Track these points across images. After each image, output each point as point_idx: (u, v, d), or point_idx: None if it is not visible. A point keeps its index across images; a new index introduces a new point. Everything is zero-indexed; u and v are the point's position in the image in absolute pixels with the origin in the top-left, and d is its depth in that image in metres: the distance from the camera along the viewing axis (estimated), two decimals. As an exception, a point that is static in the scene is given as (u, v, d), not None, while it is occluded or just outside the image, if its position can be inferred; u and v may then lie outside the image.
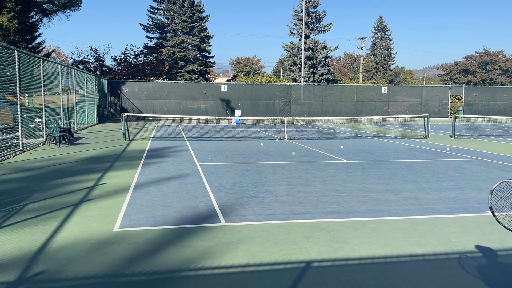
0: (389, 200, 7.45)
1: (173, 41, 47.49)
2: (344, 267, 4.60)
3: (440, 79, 68.09)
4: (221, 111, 35.85)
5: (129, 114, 19.75)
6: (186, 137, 19.04)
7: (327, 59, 52.06)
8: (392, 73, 64.08)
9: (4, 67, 12.95)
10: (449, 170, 10.65)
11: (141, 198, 7.50)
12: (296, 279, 4.26)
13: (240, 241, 5.31)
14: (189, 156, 12.83)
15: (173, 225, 5.96)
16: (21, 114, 13.66)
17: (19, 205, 6.99)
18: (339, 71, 72.97)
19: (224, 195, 7.72)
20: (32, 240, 5.31)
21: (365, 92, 39.18)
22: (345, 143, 16.81)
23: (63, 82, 20.12)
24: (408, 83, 75.02)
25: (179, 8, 47.02)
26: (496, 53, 61.95)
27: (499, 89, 42.24)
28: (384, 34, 63.71)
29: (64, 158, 12.25)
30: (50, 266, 4.50)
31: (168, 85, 36.35)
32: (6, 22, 24.06)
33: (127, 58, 43.52)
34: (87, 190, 8.12)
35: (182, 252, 4.94)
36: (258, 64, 78.37)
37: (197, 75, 47.78)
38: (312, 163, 11.58)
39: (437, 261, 4.76)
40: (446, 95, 40.33)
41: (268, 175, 9.72)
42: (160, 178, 9.35)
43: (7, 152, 12.48)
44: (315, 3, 49.70)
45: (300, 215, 6.50)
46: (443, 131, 23.94)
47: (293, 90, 37.68)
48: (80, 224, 5.98)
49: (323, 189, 8.32)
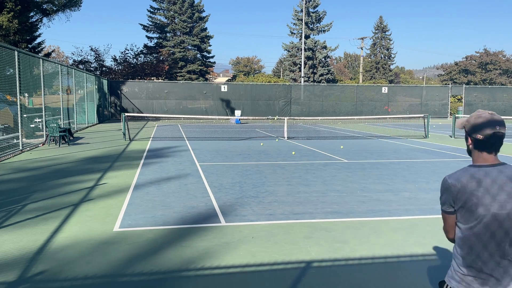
0: (389, 200, 7.45)
1: (173, 41, 47.49)
2: (344, 267, 4.60)
3: (440, 79, 68.10)
4: (221, 111, 35.84)
5: (129, 114, 19.75)
6: (186, 137, 19.04)
7: (327, 59, 52.07)
8: (392, 73, 64.08)
9: (4, 67, 12.95)
10: (449, 170, 10.65)
11: (141, 198, 7.50)
12: (296, 279, 4.26)
13: (240, 241, 5.31)
14: (189, 156, 12.83)
15: (173, 225, 5.96)
16: (21, 114, 13.66)
17: (19, 205, 6.99)
18: (339, 71, 72.97)
19: (224, 195, 7.72)
20: (32, 240, 5.31)
21: (365, 92, 39.18)
22: (345, 143, 16.81)
23: (63, 82, 20.12)
24: (408, 83, 75.05)
25: (179, 8, 47.02)
26: (496, 53, 61.94)
27: (499, 89, 42.25)
28: (384, 34, 63.70)
29: (64, 158, 12.25)
30: (50, 266, 4.50)
31: (168, 85, 36.35)
32: (6, 22, 24.05)
33: (127, 58, 43.53)
34: (87, 190, 8.12)
35: (182, 252, 4.94)
36: (258, 64, 78.34)
37: (197, 75, 47.78)
38: (312, 163, 11.58)
39: (437, 261, 4.76)
40: (446, 95, 40.33)
41: (268, 175, 9.72)
42: (160, 178, 9.35)
43: (7, 152, 12.48)
44: (315, 3, 49.70)
45: (300, 215, 6.50)
46: (443, 131, 23.94)
47: (293, 90, 37.68)
48: (80, 224, 5.98)
49: (323, 189, 8.31)
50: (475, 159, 2.25)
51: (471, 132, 2.24)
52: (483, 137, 2.19)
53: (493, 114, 2.23)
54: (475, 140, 2.23)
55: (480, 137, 2.20)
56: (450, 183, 2.21)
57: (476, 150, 2.25)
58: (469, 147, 2.29)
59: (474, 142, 2.24)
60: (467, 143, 2.30)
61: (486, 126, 2.18)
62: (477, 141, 2.22)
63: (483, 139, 2.19)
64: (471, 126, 2.24)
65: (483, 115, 2.23)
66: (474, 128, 2.23)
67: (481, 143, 2.21)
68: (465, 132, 2.31)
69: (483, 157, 2.22)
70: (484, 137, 2.19)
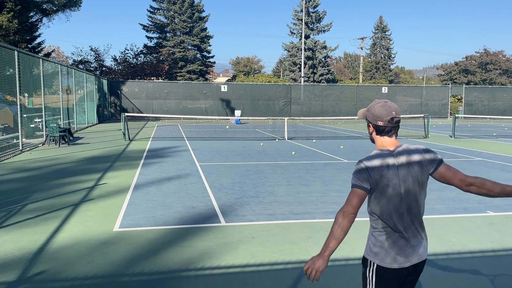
0: (389, 200, 7.44)
1: (173, 41, 47.48)
2: (344, 267, 4.60)
3: (440, 79, 68.08)
4: (221, 111, 35.84)
5: (129, 114, 19.75)
6: (186, 137, 19.04)
7: (327, 59, 52.06)
8: (392, 73, 64.06)
9: (4, 67, 12.95)
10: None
11: (141, 198, 7.50)
12: (296, 279, 4.26)
13: (240, 241, 5.31)
14: (189, 156, 12.83)
15: (173, 225, 5.96)
16: (21, 114, 13.66)
17: (19, 205, 6.99)
18: (339, 71, 72.94)
19: (224, 195, 7.72)
20: (32, 240, 5.31)
21: (365, 92, 39.18)
22: (345, 143, 16.81)
23: (63, 82, 20.12)
24: (408, 83, 75.01)
25: (179, 8, 47.01)
26: (496, 53, 61.93)
27: (499, 89, 42.24)
28: (384, 34, 63.68)
29: (64, 158, 12.25)
30: (50, 266, 4.50)
31: (168, 85, 36.35)
32: (6, 22, 24.05)
33: (127, 58, 43.53)
34: (87, 190, 8.12)
35: (182, 252, 4.94)
36: (258, 64, 78.32)
37: (197, 75, 47.76)
38: (312, 163, 11.58)
39: (437, 261, 4.76)
40: (446, 95, 40.33)
41: (268, 175, 9.71)
42: (160, 178, 9.35)
43: (7, 152, 12.48)
44: (315, 3, 49.69)
45: (300, 215, 6.50)
46: (443, 131, 23.94)
47: (293, 90, 37.68)
48: (80, 224, 5.98)
49: (323, 189, 8.31)
50: (379, 143, 2.51)
51: (372, 120, 2.51)
52: (383, 123, 2.46)
53: (387, 101, 2.50)
54: (377, 126, 2.49)
55: (380, 123, 2.47)
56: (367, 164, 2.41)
57: (378, 135, 2.52)
58: (372, 134, 2.56)
59: (376, 129, 2.51)
60: (369, 131, 2.57)
61: (385, 114, 2.45)
62: (378, 127, 2.49)
63: (383, 125, 2.46)
64: (371, 115, 2.51)
65: (380, 104, 2.49)
66: (375, 116, 2.49)
67: (381, 128, 2.48)
68: (367, 121, 2.57)
69: (386, 140, 2.50)
70: (384, 123, 2.46)
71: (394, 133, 2.49)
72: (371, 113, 2.51)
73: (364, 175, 2.40)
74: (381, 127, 2.48)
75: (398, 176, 2.40)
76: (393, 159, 2.42)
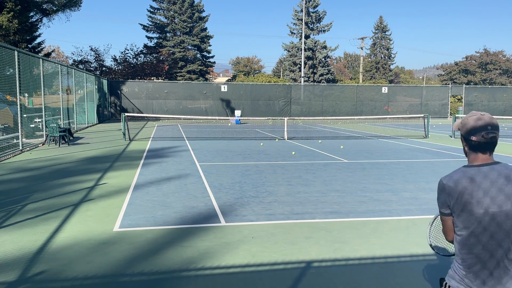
0: (389, 200, 7.45)
1: (173, 41, 47.48)
2: (344, 267, 4.60)
3: (440, 79, 68.08)
4: (221, 111, 35.84)
5: (129, 114, 19.74)
6: (186, 137, 19.04)
7: (327, 59, 52.05)
8: (392, 73, 64.05)
9: (4, 67, 12.95)
10: (449, 170, 10.65)
11: (141, 198, 7.50)
12: (296, 279, 4.26)
13: (240, 241, 5.31)
14: (189, 156, 12.82)
15: (173, 225, 5.96)
16: (21, 114, 13.65)
17: (19, 205, 6.99)
18: (339, 71, 72.94)
19: (224, 195, 7.72)
20: (32, 240, 5.31)
21: (365, 92, 39.18)
22: (345, 143, 16.81)
23: (63, 82, 20.12)
24: (408, 83, 75.00)
25: (179, 8, 47.01)
26: (496, 53, 61.92)
27: (499, 89, 42.24)
28: (384, 34, 63.68)
29: (64, 158, 12.25)
30: (50, 266, 4.50)
31: (168, 85, 36.34)
32: (6, 22, 24.05)
33: (127, 58, 43.53)
34: (87, 190, 8.12)
35: (182, 252, 4.94)
36: (258, 64, 78.31)
37: (197, 75, 47.75)
38: (312, 163, 11.58)
39: (437, 260, 4.76)
40: (446, 95, 40.33)
41: (268, 175, 9.71)
42: (160, 178, 9.35)
43: (7, 152, 12.48)
44: (315, 3, 49.69)
45: (300, 215, 6.50)
46: (443, 131, 23.94)
47: (293, 90, 37.68)
48: (80, 224, 5.98)
49: (323, 189, 8.31)
50: (471, 160, 2.29)
51: (465, 135, 2.28)
52: (477, 139, 2.22)
53: (484, 115, 2.26)
54: (470, 142, 2.26)
55: (474, 139, 2.23)
56: (445, 184, 2.23)
57: (471, 151, 2.28)
58: (465, 148, 2.33)
59: (469, 144, 2.28)
60: (463, 145, 2.35)
61: (479, 129, 2.22)
62: (471, 143, 2.26)
63: (477, 141, 2.23)
64: (465, 129, 2.28)
65: (475, 117, 2.26)
66: (468, 131, 2.26)
67: (475, 144, 2.24)
68: (460, 134, 2.35)
69: (478, 157, 2.26)
70: (478, 139, 2.22)
71: (488, 151, 2.25)
72: (464, 127, 2.28)
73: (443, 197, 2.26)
74: (473, 141, 2.24)
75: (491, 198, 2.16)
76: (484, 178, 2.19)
